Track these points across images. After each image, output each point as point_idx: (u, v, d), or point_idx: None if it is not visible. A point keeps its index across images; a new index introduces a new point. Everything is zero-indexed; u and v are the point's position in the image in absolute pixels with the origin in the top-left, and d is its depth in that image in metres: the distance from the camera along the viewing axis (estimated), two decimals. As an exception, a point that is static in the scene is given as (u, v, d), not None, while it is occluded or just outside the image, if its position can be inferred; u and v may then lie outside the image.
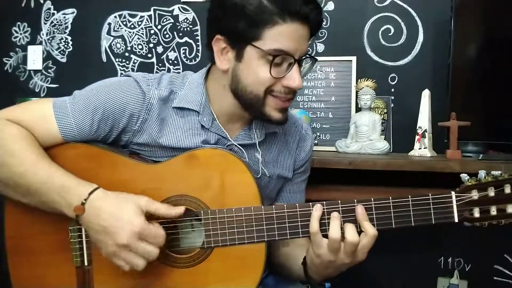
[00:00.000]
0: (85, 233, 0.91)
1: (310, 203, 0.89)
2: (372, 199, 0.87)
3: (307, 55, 0.96)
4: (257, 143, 1.02)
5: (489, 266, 1.65)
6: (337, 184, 1.38)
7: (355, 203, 0.87)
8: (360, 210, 0.86)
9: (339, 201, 0.88)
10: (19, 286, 0.94)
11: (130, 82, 0.97)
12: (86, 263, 0.91)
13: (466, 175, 0.86)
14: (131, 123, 0.96)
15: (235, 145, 1.00)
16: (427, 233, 1.68)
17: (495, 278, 1.65)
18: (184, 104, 0.98)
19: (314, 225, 0.87)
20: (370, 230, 0.85)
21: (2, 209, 0.96)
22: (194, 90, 1.00)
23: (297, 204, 0.89)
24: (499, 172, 0.85)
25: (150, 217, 0.88)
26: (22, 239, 0.95)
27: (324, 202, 0.88)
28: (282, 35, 0.88)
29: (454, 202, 0.85)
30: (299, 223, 0.88)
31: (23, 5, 2.07)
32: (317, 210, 0.87)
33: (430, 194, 0.86)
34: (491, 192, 0.84)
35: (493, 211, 0.85)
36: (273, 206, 0.90)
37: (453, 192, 0.86)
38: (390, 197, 0.87)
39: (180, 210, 0.89)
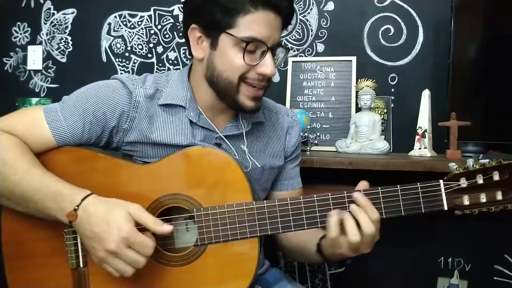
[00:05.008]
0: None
1: (301, 197, 0.90)
2: (361, 190, 0.88)
3: (281, 45, 0.99)
4: (244, 133, 1.04)
5: (489, 266, 1.65)
6: (337, 184, 1.38)
7: (344, 194, 0.88)
8: (360, 198, 0.87)
9: (329, 194, 0.89)
10: None
11: (116, 83, 1.00)
12: (81, 265, 0.92)
13: (454, 163, 0.87)
14: (121, 122, 0.98)
15: (224, 139, 1.02)
16: (427, 233, 1.68)
17: (495, 278, 1.65)
18: (170, 101, 1.00)
19: (334, 232, 0.87)
20: (375, 215, 0.86)
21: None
22: (179, 86, 1.02)
23: (288, 198, 0.90)
24: (487, 160, 0.86)
25: None
26: (19, 244, 0.95)
27: (315, 196, 0.89)
28: (254, 22, 0.91)
29: (443, 190, 0.86)
30: (291, 217, 0.90)
31: (23, 5, 2.07)
32: (333, 216, 0.87)
33: (418, 183, 0.87)
34: (480, 180, 0.85)
35: (483, 198, 0.85)
36: (265, 201, 0.91)
37: (441, 181, 0.87)
38: (379, 188, 0.88)
39: (168, 228, 0.87)
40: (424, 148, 1.47)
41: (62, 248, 0.92)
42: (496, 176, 0.85)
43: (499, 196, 0.85)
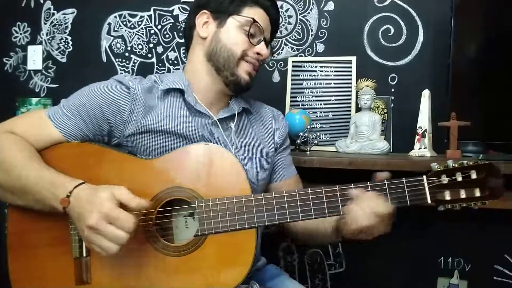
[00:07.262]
0: None
1: (296, 190, 0.95)
2: (352, 184, 0.94)
3: (269, 44, 1.18)
4: (236, 113, 1.13)
5: (489, 266, 1.65)
6: (337, 184, 1.38)
7: (336, 188, 0.95)
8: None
9: (322, 187, 0.95)
10: (17, 279, 0.97)
11: (113, 82, 1.07)
12: (84, 254, 0.95)
13: (435, 163, 0.94)
14: (121, 114, 1.03)
15: (217, 123, 1.10)
16: (427, 233, 1.69)
17: (495, 278, 1.65)
18: (170, 86, 1.09)
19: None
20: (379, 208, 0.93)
21: (2, 208, 0.97)
22: (176, 76, 1.12)
23: (284, 191, 0.96)
24: (465, 161, 0.94)
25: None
26: (23, 234, 0.98)
27: (309, 190, 0.94)
28: (255, 13, 1.11)
29: (426, 185, 0.93)
30: (287, 210, 0.94)
31: (23, 5, 2.07)
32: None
33: (404, 178, 0.94)
34: (459, 177, 0.93)
35: (462, 194, 0.92)
36: (262, 194, 0.96)
37: (424, 176, 0.94)
38: (368, 182, 0.94)
39: (145, 204, 0.89)
40: (424, 148, 1.47)
41: (65, 239, 0.96)
42: (473, 175, 0.92)
43: (477, 193, 0.92)
